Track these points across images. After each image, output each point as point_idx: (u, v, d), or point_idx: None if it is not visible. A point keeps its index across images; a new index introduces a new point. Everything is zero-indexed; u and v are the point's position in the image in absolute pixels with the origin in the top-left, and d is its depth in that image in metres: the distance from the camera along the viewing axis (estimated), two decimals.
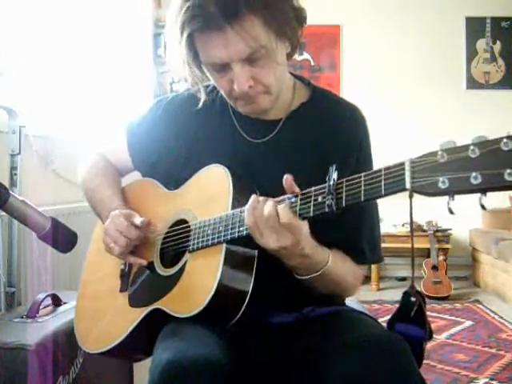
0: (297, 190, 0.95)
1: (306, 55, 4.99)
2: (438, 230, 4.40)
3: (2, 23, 2.02)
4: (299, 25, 1.06)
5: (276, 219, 0.93)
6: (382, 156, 1.32)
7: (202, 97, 1.16)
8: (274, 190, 0.98)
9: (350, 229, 1.11)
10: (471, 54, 4.97)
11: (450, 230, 4.50)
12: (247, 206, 0.97)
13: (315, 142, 1.14)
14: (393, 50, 4.93)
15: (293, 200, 0.94)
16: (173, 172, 1.21)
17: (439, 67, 4.91)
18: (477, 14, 4.92)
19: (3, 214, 1.37)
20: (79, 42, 2.65)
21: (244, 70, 1.02)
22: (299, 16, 1.05)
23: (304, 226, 0.95)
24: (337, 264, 1.05)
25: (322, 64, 5.03)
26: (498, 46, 4.95)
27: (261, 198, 0.97)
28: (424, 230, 4.35)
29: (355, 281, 1.15)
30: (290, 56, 1.10)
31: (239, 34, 0.97)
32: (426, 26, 4.91)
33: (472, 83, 4.96)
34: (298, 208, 0.94)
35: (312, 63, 5.01)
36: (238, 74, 1.02)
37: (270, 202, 0.95)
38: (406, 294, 0.96)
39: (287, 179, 0.96)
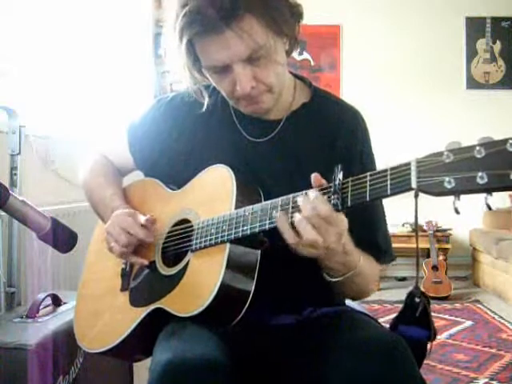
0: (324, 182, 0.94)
1: (306, 55, 4.99)
2: (438, 230, 4.40)
3: (3, 23, 2.02)
4: (296, 21, 1.06)
5: (317, 216, 0.90)
6: (381, 156, 1.32)
7: (206, 99, 1.16)
8: (275, 190, 0.98)
9: (367, 229, 1.11)
10: (471, 54, 4.97)
11: (450, 230, 4.50)
12: (278, 224, 0.94)
13: (316, 143, 1.14)
14: (393, 49, 4.93)
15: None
16: (174, 171, 1.21)
17: (439, 67, 4.91)
18: (477, 14, 4.92)
19: (3, 214, 1.37)
20: (79, 41, 2.65)
21: (246, 71, 1.01)
22: (295, 12, 1.05)
23: (343, 217, 0.93)
24: (366, 262, 1.05)
25: (322, 64, 5.02)
26: (497, 46, 4.95)
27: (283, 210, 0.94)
28: (424, 230, 4.35)
29: (376, 279, 1.16)
30: (288, 53, 1.09)
31: (238, 35, 0.97)
32: (426, 26, 4.91)
33: (472, 83, 4.96)
34: None
35: (312, 63, 5.01)
36: (240, 75, 1.02)
37: (305, 200, 0.92)
38: (410, 296, 0.96)
39: (316, 177, 0.94)
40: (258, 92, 1.05)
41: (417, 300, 0.95)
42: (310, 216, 0.90)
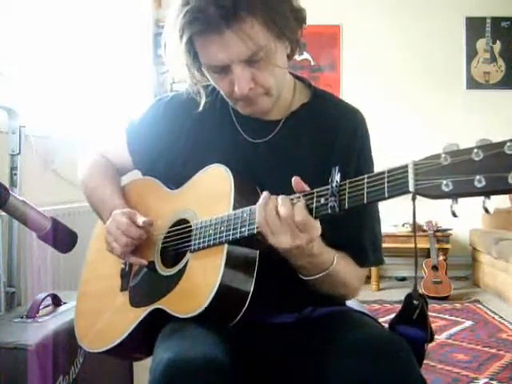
0: (307, 188, 0.95)
1: (305, 55, 4.98)
2: (437, 230, 4.40)
3: (3, 23, 2.02)
4: (298, 25, 1.05)
5: (292, 218, 0.92)
6: (381, 156, 1.32)
7: (203, 99, 1.16)
8: (274, 190, 0.98)
9: (352, 230, 1.11)
10: (471, 54, 4.96)
11: (450, 230, 4.50)
12: (259, 202, 0.96)
13: (315, 143, 1.14)
14: (393, 50, 4.93)
15: (295, 201, 0.94)
16: (173, 171, 1.21)
17: (439, 67, 4.91)
18: (477, 14, 4.92)
19: (3, 213, 1.37)
20: (79, 41, 2.66)
21: (244, 72, 1.01)
22: (298, 16, 1.05)
23: (318, 225, 0.94)
24: (341, 265, 1.05)
25: (321, 64, 5.02)
26: (497, 46, 4.95)
27: (272, 196, 0.96)
28: (424, 230, 4.35)
29: (357, 283, 1.15)
30: (290, 57, 1.09)
31: (239, 36, 0.97)
32: (426, 26, 4.91)
33: (472, 83, 4.96)
34: None
35: (312, 63, 5.01)
36: (238, 76, 1.02)
37: (285, 201, 0.93)
38: (408, 297, 0.96)
39: (296, 182, 0.95)
40: (255, 94, 1.05)
41: (415, 302, 0.95)
42: (285, 217, 0.92)
